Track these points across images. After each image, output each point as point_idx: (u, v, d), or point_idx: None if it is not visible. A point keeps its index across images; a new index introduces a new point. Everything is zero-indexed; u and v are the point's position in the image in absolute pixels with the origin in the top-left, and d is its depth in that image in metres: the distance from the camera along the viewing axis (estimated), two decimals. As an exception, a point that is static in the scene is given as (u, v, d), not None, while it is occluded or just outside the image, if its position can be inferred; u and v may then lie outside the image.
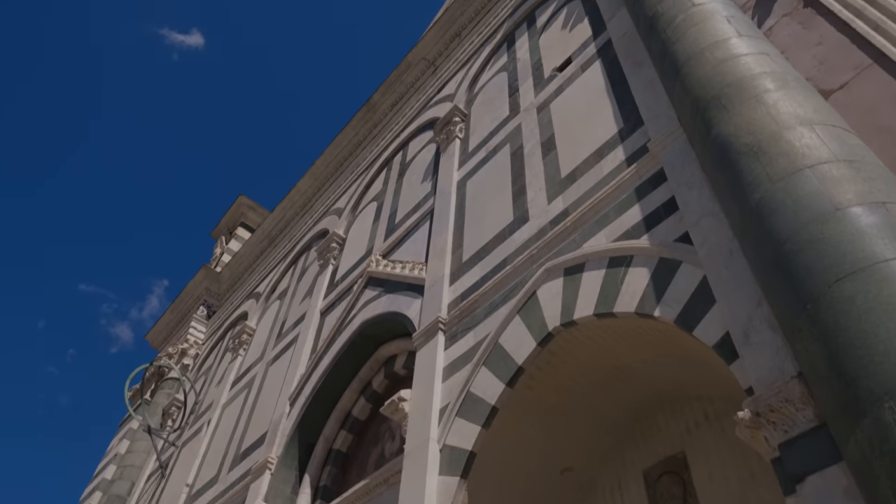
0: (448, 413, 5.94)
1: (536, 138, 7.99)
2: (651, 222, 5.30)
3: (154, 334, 19.34)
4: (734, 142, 4.17)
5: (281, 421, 9.09)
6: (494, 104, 9.86)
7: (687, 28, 5.53)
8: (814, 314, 3.06)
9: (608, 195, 5.93)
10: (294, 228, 16.10)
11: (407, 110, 13.66)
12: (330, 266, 11.99)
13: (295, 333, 11.36)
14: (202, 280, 18.32)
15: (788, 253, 3.36)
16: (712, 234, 4.50)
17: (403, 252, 9.50)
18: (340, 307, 10.20)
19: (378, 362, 8.88)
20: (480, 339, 6.28)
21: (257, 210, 21.99)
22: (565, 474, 5.90)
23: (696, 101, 4.88)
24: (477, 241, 7.66)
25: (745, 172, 3.93)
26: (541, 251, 6.33)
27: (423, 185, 10.47)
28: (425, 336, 7.06)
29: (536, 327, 5.69)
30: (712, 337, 4.14)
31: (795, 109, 4.08)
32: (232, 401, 12.24)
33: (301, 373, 9.78)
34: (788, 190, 3.57)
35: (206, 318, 17.93)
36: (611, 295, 5.15)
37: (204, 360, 16.34)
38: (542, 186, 7.18)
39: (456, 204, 8.80)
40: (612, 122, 6.79)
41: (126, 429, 16.68)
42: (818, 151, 3.69)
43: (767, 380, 3.46)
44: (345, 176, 14.90)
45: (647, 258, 5.06)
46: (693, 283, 4.52)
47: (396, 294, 8.61)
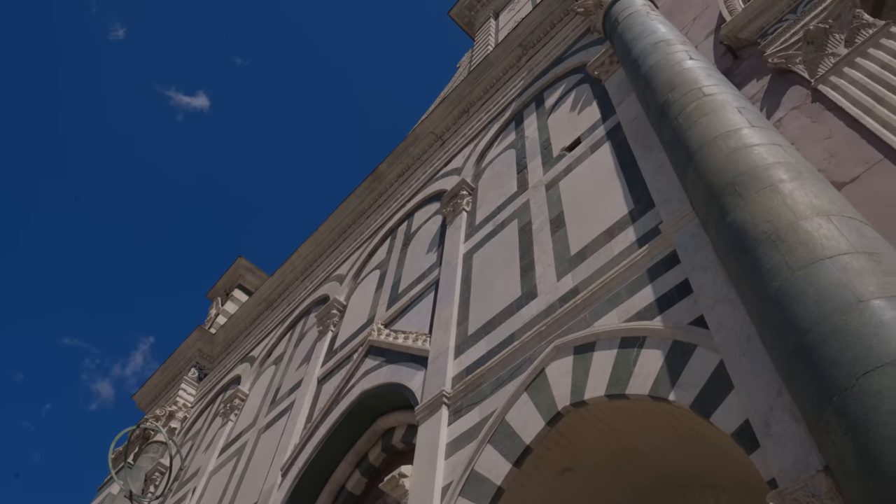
0: (451, 492, 5.76)
1: (545, 215, 8.09)
2: (664, 304, 5.31)
3: (142, 395, 18.89)
4: (751, 229, 4.23)
5: (272, 492, 8.79)
6: (502, 180, 10.04)
7: (699, 117, 5.70)
8: (841, 407, 3.02)
9: (620, 275, 5.96)
10: (293, 293, 16.03)
11: (413, 181, 13.88)
12: (329, 333, 11.88)
13: (290, 400, 11.13)
14: (195, 341, 18.06)
15: (812, 343, 3.35)
16: (729, 319, 4.50)
17: (406, 322, 9.44)
18: (339, 375, 10.04)
19: (376, 434, 8.67)
20: (486, 416, 6.16)
21: (256, 273, 21.94)
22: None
23: (709, 188, 4.97)
24: (483, 314, 7.63)
25: (764, 260, 3.97)
26: (550, 328, 6.30)
27: (428, 256, 10.52)
28: (428, 410, 6.93)
29: (545, 406, 5.60)
30: (731, 425, 4.07)
31: (811, 200, 4.16)
32: (220, 468, 11.86)
33: (295, 442, 9.53)
34: (809, 279, 3.60)
35: (197, 380, 17.58)
36: (623, 376, 5.09)
37: (192, 423, 15.92)
38: (550, 263, 7.22)
39: (462, 276, 8.82)
40: (622, 202, 6.90)
41: (105, 493, 16.04)
42: (837, 242, 3.74)
43: (792, 473, 3.38)
44: (347, 243, 14.97)
45: (661, 340, 5.04)
46: (709, 368, 4.48)
47: (398, 365, 8.50)
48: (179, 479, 13.33)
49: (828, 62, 5.99)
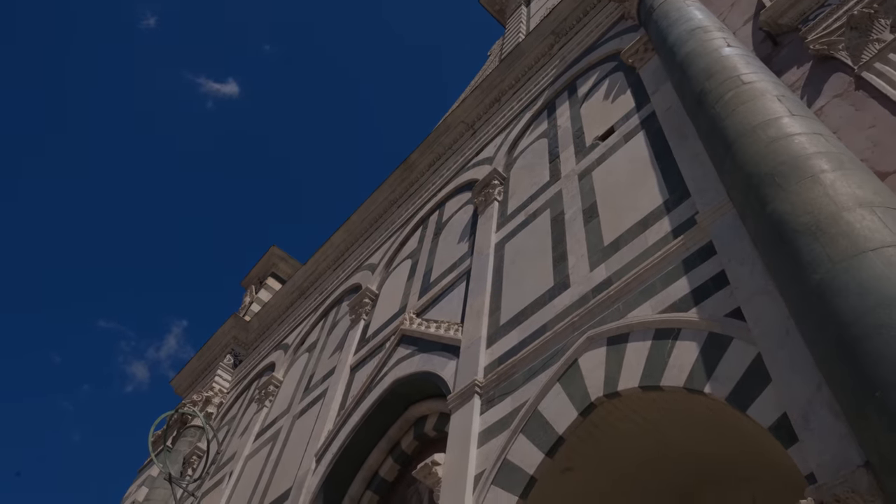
0: (484, 480, 5.81)
1: (578, 205, 8.04)
2: (700, 296, 5.26)
3: (179, 380, 19.37)
4: (791, 220, 4.16)
5: (306, 477, 8.96)
6: (534, 169, 9.99)
7: (737, 105, 5.59)
8: (884, 403, 2.97)
9: (654, 266, 5.91)
10: (326, 282, 16.22)
11: (444, 171, 13.89)
12: (361, 321, 12.01)
13: (323, 388, 11.30)
14: (231, 328, 18.42)
15: (854, 337, 3.29)
16: (767, 312, 4.44)
17: (438, 311, 9.49)
18: (371, 363, 10.15)
19: (408, 422, 8.77)
20: (518, 406, 6.19)
21: (288, 261, 22.24)
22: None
23: (748, 178, 4.89)
24: (515, 304, 7.64)
25: (804, 252, 3.90)
26: (583, 319, 6.29)
27: (460, 246, 10.54)
28: (461, 399, 6.98)
29: (578, 397, 5.60)
30: (768, 418, 4.03)
31: (854, 190, 4.07)
32: (255, 453, 12.12)
33: (329, 429, 9.68)
34: (851, 272, 3.53)
35: (232, 366, 17.95)
36: (657, 367, 5.07)
37: (228, 409, 16.27)
38: (583, 253, 7.19)
39: (494, 266, 8.83)
40: (656, 192, 6.83)
41: (145, 475, 16.54)
42: (881, 234, 3.66)
43: (831, 467, 3.35)
44: (379, 232, 15.07)
45: (696, 332, 4.99)
46: (746, 361, 4.44)
47: (430, 354, 8.56)
48: (217, 463, 13.66)
49: (872, 48, 5.82)
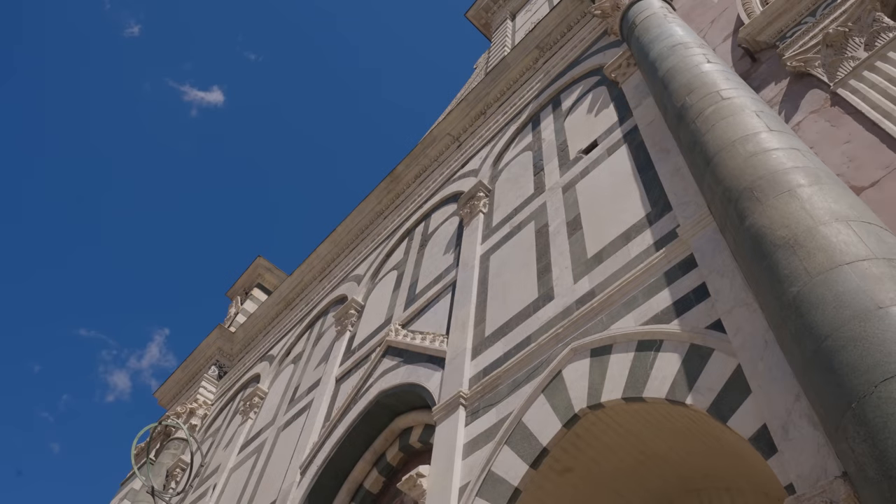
0: (468, 492, 5.82)
1: (562, 217, 8.12)
2: (681, 308, 5.33)
3: (163, 392, 19.18)
4: (769, 234, 4.24)
5: (290, 490, 8.91)
6: (519, 182, 10.08)
7: (717, 120, 5.70)
8: (860, 414, 3.04)
9: (637, 278, 5.98)
10: (311, 293, 16.19)
11: (430, 183, 13.96)
12: (347, 332, 12.00)
13: (308, 399, 11.26)
14: (215, 340, 18.29)
15: (830, 349, 3.37)
16: (746, 323, 4.52)
17: (423, 323, 9.51)
18: (357, 375, 10.14)
19: (393, 434, 8.76)
20: (503, 417, 6.22)
21: (274, 272, 22.17)
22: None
23: (727, 192, 4.98)
24: (500, 316, 7.69)
25: (782, 265, 3.98)
26: (567, 330, 6.34)
27: (445, 258, 10.58)
28: (446, 410, 7.00)
29: (562, 408, 5.64)
30: (748, 429, 4.09)
31: (830, 205, 4.17)
32: (240, 465, 12.02)
33: (313, 441, 9.64)
34: (828, 285, 3.61)
35: (217, 378, 17.81)
36: (640, 379, 5.12)
37: (212, 421, 16.14)
38: (567, 265, 7.25)
39: (479, 278, 8.88)
40: (639, 205, 6.92)
41: (128, 488, 16.32)
42: (856, 248, 3.74)
43: (810, 478, 3.41)
44: (365, 244, 15.08)
45: (678, 343, 5.06)
46: (727, 373, 4.50)
47: (416, 365, 8.57)
48: (200, 476, 13.53)
49: (847, 66, 5.97)
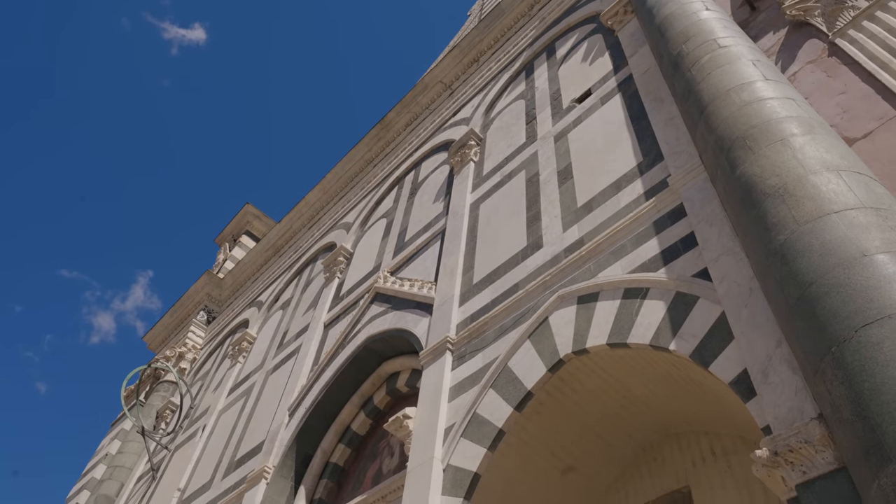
0: (453, 433, 5.94)
1: (553, 166, 8.08)
2: (669, 256, 5.36)
3: (152, 336, 19.28)
4: (759, 182, 4.24)
5: (279, 431, 9.06)
6: (511, 130, 9.98)
7: (712, 69, 5.63)
8: (839, 358, 3.10)
9: (625, 227, 6.00)
10: (300, 240, 16.15)
11: (421, 131, 13.80)
12: (336, 279, 12.02)
13: (297, 344, 11.35)
14: (204, 285, 18.32)
15: (813, 296, 3.41)
16: (732, 272, 4.56)
17: (412, 270, 9.54)
18: (345, 321, 10.21)
19: (380, 378, 8.88)
20: (489, 362, 6.30)
21: (263, 219, 22.06)
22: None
23: (720, 141, 4.96)
24: (488, 264, 7.71)
25: (770, 213, 4.00)
26: (554, 278, 6.38)
27: (435, 206, 10.54)
28: (433, 355, 7.08)
29: (547, 353, 5.72)
30: (729, 374, 4.17)
31: (822, 154, 4.16)
32: (229, 407, 12.19)
33: (302, 384, 9.77)
34: (815, 233, 3.63)
35: (205, 323, 17.89)
36: (625, 325, 5.18)
37: (201, 364, 16.28)
38: (557, 214, 7.25)
39: (468, 226, 8.87)
40: (630, 155, 6.88)
41: (118, 429, 16.57)
42: (845, 197, 3.76)
43: (787, 420, 3.49)
44: (355, 191, 14.99)
45: (664, 291, 5.11)
46: (710, 320, 4.56)
47: (404, 311, 8.63)
48: (190, 417, 13.72)
49: (847, 15, 5.88)
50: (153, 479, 12.74)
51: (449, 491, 5.52)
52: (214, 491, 9.88)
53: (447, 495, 5.50)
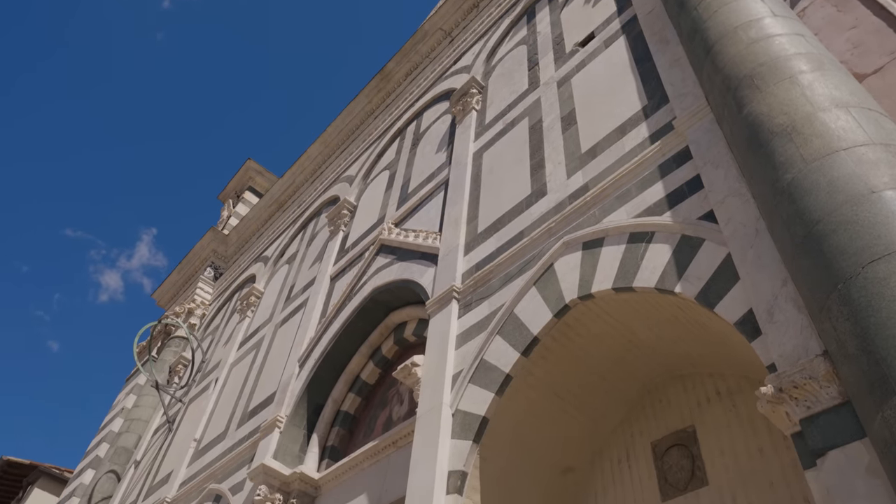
0: (461, 379, 6.03)
1: (556, 112, 7.97)
2: (674, 200, 5.33)
3: (161, 293, 19.48)
4: (767, 121, 4.18)
5: (290, 382, 9.22)
6: (513, 77, 9.81)
7: (719, 6, 5.48)
8: (845, 294, 3.11)
9: (630, 171, 5.95)
10: (303, 194, 16.11)
11: (422, 80, 13.57)
12: (340, 233, 12.04)
13: (304, 297, 11.45)
14: (209, 242, 18.39)
15: (820, 233, 3.39)
16: (738, 213, 4.53)
17: (416, 221, 9.53)
18: (351, 273, 10.27)
19: (388, 328, 8.98)
20: (495, 309, 6.35)
21: (265, 175, 21.98)
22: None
23: (727, 80, 4.87)
24: (493, 212, 7.69)
25: (778, 152, 3.95)
26: (559, 225, 6.37)
27: (438, 156, 10.46)
28: (439, 304, 7.13)
29: (553, 299, 5.75)
30: (734, 314, 4.19)
31: (831, 91, 4.08)
32: (240, 361, 12.39)
33: (310, 336, 9.89)
34: (823, 171, 3.60)
35: (212, 279, 18.03)
36: (630, 270, 5.20)
37: (211, 320, 16.48)
38: (561, 161, 7.19)
39: (472, 175, 8.81)
40: (635, 98, 6.77)
41: (133, 384, 16.90)
42: (854, 134, 3.70)
43: (791, 357, 3.52)
44: (356, 144, 14.86)
45: (669, 235, 5.10)
46: (716, 261, 4.56)
47: (409, 262, 8.66)
48: (202, 371, 13.96)
49: (860, -55, 5.67)
50: (169, 431, 13.06)
51: (458, 434, 5.64)
52: (229, 441, 10.13)
53: (456, 438, 5.62)
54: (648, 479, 5.55)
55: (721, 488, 4.96)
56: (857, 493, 2.89)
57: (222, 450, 10.12)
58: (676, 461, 5.39)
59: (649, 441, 5.76)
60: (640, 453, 5.78)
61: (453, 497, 5.23)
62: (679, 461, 5.37)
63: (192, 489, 10.13)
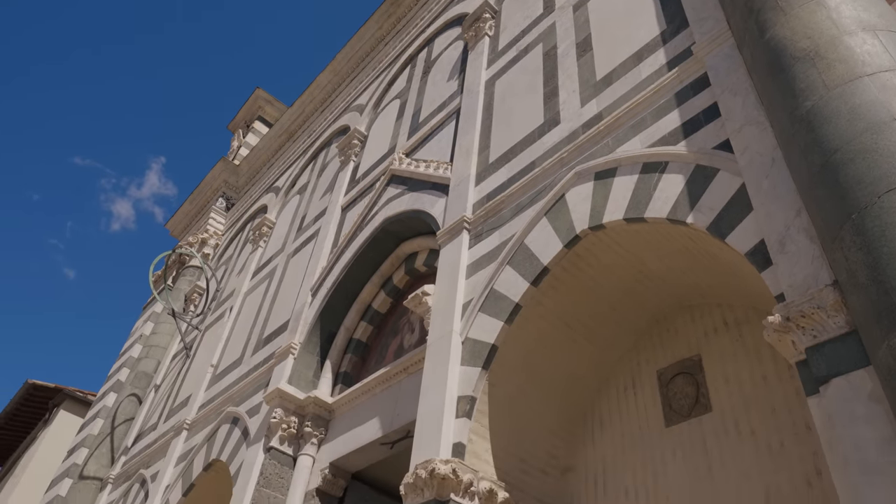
0: (471, 308, 6.11)
1: (571, 38, 7.73)
2: (690, 129, 5.22)
3: (174, 223, 19.65)
4: (789, 46, 4.03)
5: (303, 310, 9.39)
6: (527, 1, 9.47)
7: (746, -78, 5.20)
8: (859, 224, 3.07)
9: (646, 99, 5.81)
10: (313, 124, 15.94)
11: (433, 5, 13.14)
12: (351, 163, 11.97)
13: (316, 228, 11.51)
14: (220, 172, 18.38)
15: (838, 162, 3.33)
16: (755, 142, 4.44)
17: (427, 151, 9.44)
18: (362, 204, 10.27)
19: (399, 258, 9.04)
20: (506, 239, 6.36)
21: (275, 104, 21.71)
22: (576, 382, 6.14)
23: (749, 2, 4.68)
24: (504, 142, 7.59)
25: (799, 78, 3.83)
26: (571, 155, 6.28)
27: (449, 84, 10.25)
28: (450, 234, 7.15)
29: (564, 229, 5.74)
30: (745, 245, 4.17)
31: (859, 14, 3.91)
32: (253, 290, 12.60)
33: (322, 266, 10.00)
34: (844, 98, 3.49)
35: (224, 209, 18.12)
36: (642, 200, 5.15)
37: (224, 250, 16.67)
38: (575, 89, 7.03)
39: (484, 104, 8.65)
40: (654, 23, 6.54)
41: (150, 311, 17.28)
42: (879, 59, 3.57)
43: (801, 287, 3.52)
44: (366, 72, 14.56)
45: (683, 165, 5.02)
46: (730, 192, 4.51)
47: (420, 192, 8.63)
48: (217, 300, 14.23)
49: None
50: (187, 357, 13.44)
51: (468, 362, 5.76)
52: (245, 366, 10.42)
53: (466, 365, 5.74)
54: (653, 406, 5.68)
55: (724, 414, 5.08)
56: (857, 417, 2.95)
57: (238, 375, 10.43)
58: (681, 388, 5.50)
59: (655, 369, 5.86)
60: (646, 381, 5.89)
61: (462, 420, 5.39)
62: (684, 388, 5.48)
63: (210, 412, 10.51)
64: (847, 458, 2.90)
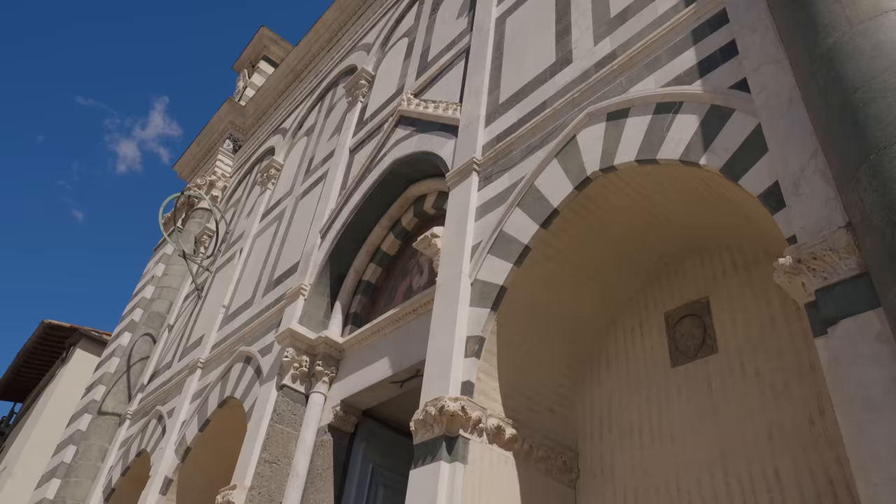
0: (480, 250, 6.13)
1: (586, -28, 7.46)
2: (706, 67, 5.10)
3: (181, 165, 19.59)
4: (813, -21, 3.88)
5: (313, 252, 9.45)
6: (541, -68, 9.11)
7: None
8: (877, 165, 3.03)
9: (661, 37, 5.65)
10: (320, 63, 15.65)
11: (442, -63, 12.67)
12: (359, 104, 11.80)
13: (324, 170, 11.46)
14: (227, 114, 18.19)
15: (858, 101, 3.25)
16: (773, 81, 4.34)
17: (436, 91, 9.28)
18: (370, 145, 10.18)
19: (408, 201, 9.02)
20: (515, 181, 6.32)
21: (280, 43, 21.26)
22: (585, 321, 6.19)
23: (773, -67, 4.49)
24: (515, 82, 7.45)
25: (822, 14, 3.71)
26: (583, 95, 6.17)
27: (458, 22, 9.99)
28: (459, 176, 7.11)
29: (574, 171, 5.69)
30: (759, 187, 4.13)
31: (887, -55, 3.75)
32: (263, 232, 12.66)
33: (331, 208, 10.00)
34: (868, 34, 3.38)
35: (232, 151, 18.03)
36: (655, 141, 5.08)
37: (232, 192, 16.67)
38: (588, 26, 6.84)
39: (494, 42, 8.45)
40: (672, -44, 6.29)
41: (161, 253, 17.45)
42: (907, -8, 3.44)
43: (814, 229, 3.50)
44: (373, 9, 14.18)
45: (698, 105, 4.93)
46: (745, 132, 4.43)
47: (429, 134, 8.54)
48: (227, 242, 14.32)
49: None
50: (199, 298, 13.63)
51: (477, 303, 5.81)
52: (256, 307, 10.57)
53: (475, 306, 5.80)
54: (660, 347, 5.75)
55: (730, 355, 5.14)
56: (864, 357, 2.98)
57: (250, 315, 10.60)
58: (688, 330, 5.55)
59: (663, 311, 5.90)
60: (653, 323, 5.94)
61: (471, 360, 5.48)
62: (691, 330, 5.53)
63: (223, 351, 10.73)
64: (852, 396, 2.95)
